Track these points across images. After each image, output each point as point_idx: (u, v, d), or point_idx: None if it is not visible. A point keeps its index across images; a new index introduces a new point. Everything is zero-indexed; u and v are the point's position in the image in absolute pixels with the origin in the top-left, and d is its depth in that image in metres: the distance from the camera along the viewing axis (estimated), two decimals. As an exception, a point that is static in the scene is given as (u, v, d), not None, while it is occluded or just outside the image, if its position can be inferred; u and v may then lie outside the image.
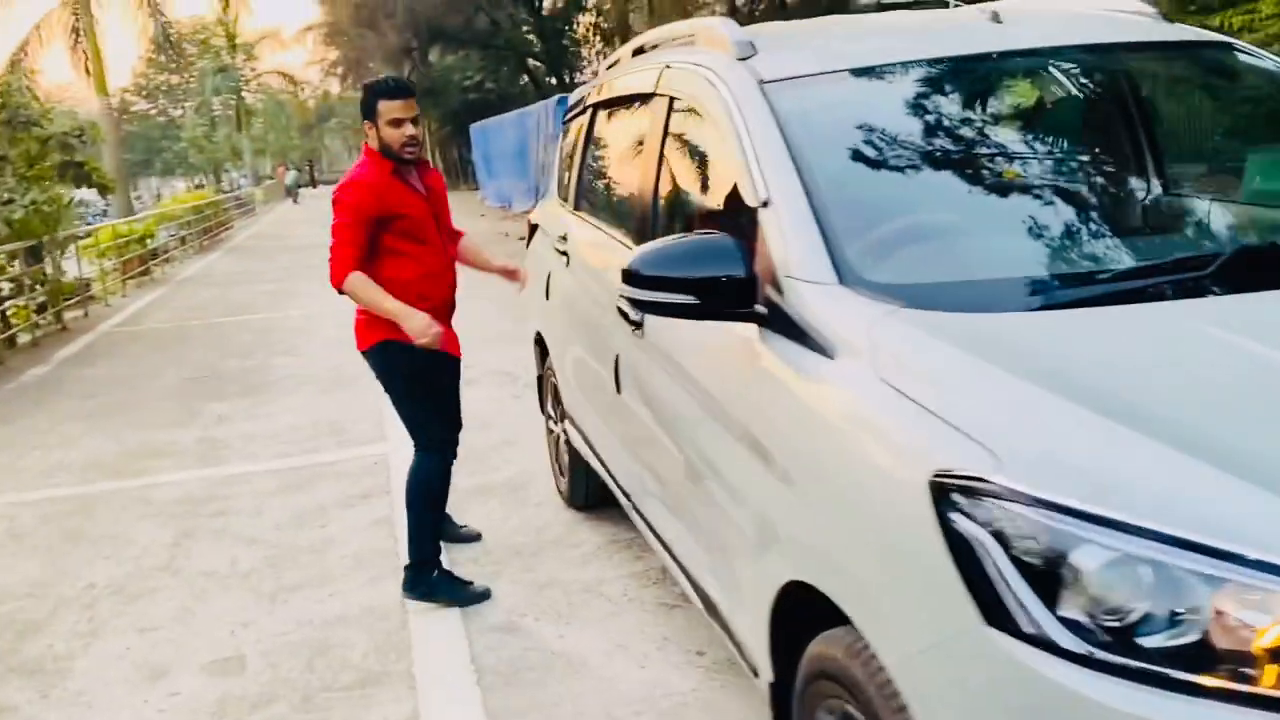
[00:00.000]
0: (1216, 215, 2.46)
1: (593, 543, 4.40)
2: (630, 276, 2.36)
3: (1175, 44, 2.89)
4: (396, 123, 3.78)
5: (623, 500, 3.66)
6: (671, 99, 3.18)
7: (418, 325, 3.67)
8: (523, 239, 18.74)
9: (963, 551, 1.54)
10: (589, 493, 4.62)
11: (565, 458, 4.68)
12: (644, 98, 3.43)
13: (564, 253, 4.18)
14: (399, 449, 5.89)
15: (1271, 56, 2.89)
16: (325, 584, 4.21)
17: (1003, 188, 2.44)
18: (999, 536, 1.51)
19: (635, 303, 2.39)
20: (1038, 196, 2.42)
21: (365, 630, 3.77)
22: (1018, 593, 1.47)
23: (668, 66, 3.25)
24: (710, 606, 2.75)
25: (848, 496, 1.82)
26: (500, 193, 28.84)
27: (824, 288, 2.12)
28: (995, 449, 1.57)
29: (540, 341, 4.91)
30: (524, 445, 5.84)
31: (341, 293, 3.77)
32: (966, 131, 2.61)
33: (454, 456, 4.05)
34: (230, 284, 16.06)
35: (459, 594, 3.93)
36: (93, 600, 4.23)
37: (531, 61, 38.20)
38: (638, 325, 3.05)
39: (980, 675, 1.51)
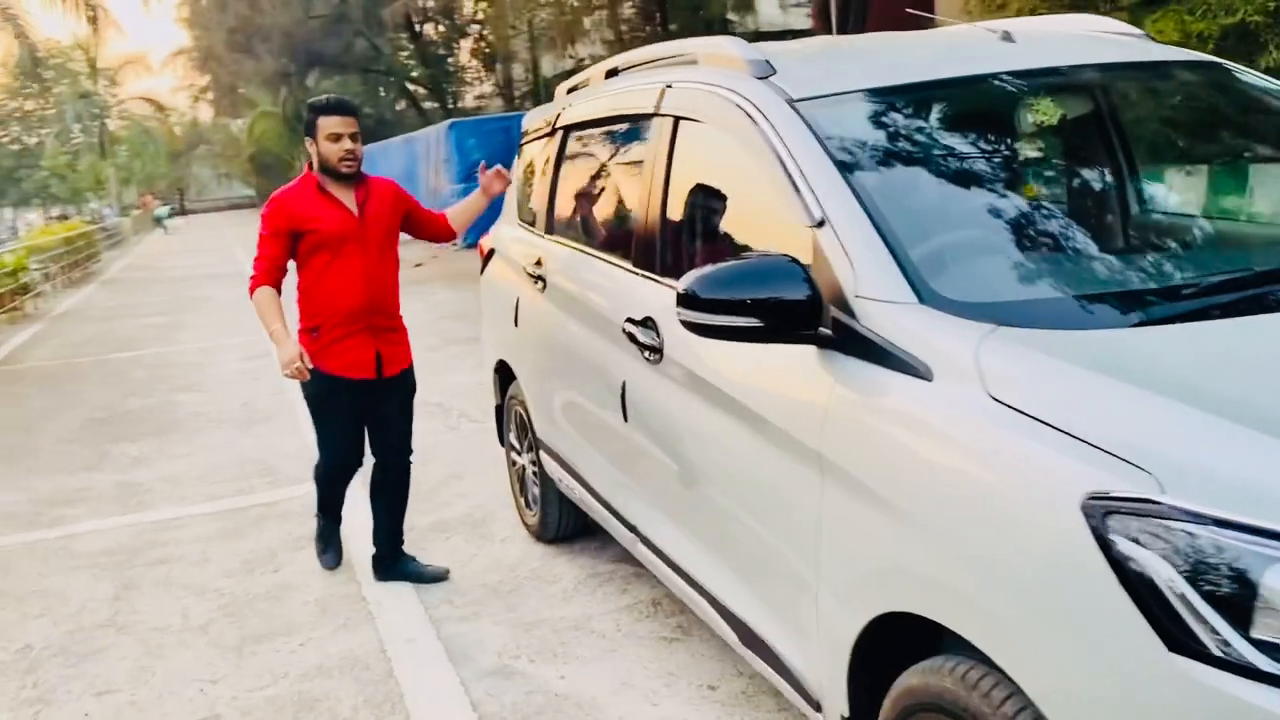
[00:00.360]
0: (1272, 228, 2.50)
1: (571, 577, 4.26)
2: (686, 299, 2.27)
3: (1180, 63, 2.95)
4: (334, 137, 3.99)
5: (620, 532, 3.54)
6: (677, 119, 3.10)
7: (281, 356, 3.93)
8: (420, 265, 18.26)
9: (1132, 576, 1.49)
10: (561, 526, 4.49)
11: (536, 490, 4.53)
12: (640, 118, 3.35)
13: (539, 278, 4.06)
14: (341, 486, 5.66)
15: (1260, 75, 2.98)
16: (293, 633, 3.96)
17: (1057, 204, 2.44)
18: (1174, 559, 1.46)
19: (692, 325, 2.29)
20: (1096, 212, 2.42)
21: (350, 680, 3.56)
22: (1205, 617, 1.43)
23: (669, 86, 3.18)
24: (752, 640, 2.66)
25: (974, 523, 1.76)
26: (387, 220, 28.24)
27: (905, 307, 2.07)
28: (1151, 468, 1.53)
29: (502, 370, 4.76)
30: (471, 479, 5.66)
31: None
32: (1006, 148, 2.61)
33: (337, 468, 4.38)
34: (112, 318, 15.29)
35: (325, 550, 4.57)
36: (33, 664, 3.89)
37: (413, 87, 37.71)
38: (655, 351, 2.95)
39: (1166, 703, 1.46)
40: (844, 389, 2.12)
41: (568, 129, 4.11)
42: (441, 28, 35.41)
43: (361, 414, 4.23)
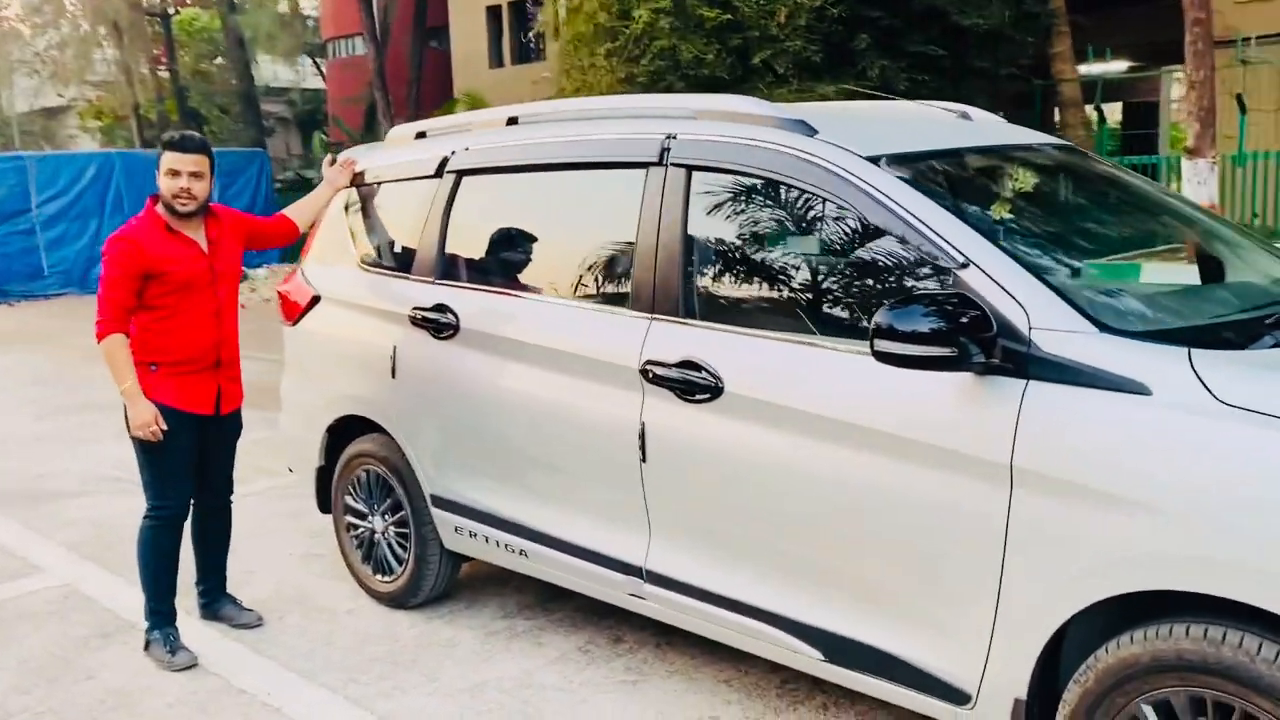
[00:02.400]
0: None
1: (469, 638, 4.05)
2: (885, 331, 2.48)
3: (1061, 146, 3.67)
4: (172, 174, 3.84)
5: (596, 577, 3.49)
6: (690, 169, 3.25)
7: (135, 416, 3.77)
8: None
9: None
10: (434, 587, 4.24)
11: (403, 552, 4.24)
12: (626, 166, 3.43)
13: (442, 325, 3.88)
14: (86, 575, 4.83)
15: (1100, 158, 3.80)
16: (188, 741, 3.38)
17: (1128, 245, 2.98)
18: None
19: (887, 356, 2.49)
20: (1165, 252, 3.00)
21: (321, 777, 3.14)
22: None
23: (672, 137, 3.31)
24: (848, 654, 2.85)
25: (1250, 504, 2.15)
26: None
27: (1091, 336, 2.44)
28: None
29: (340, 429, 4.40)
30: (245, 555, 5.03)
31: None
32: (1052, 203, 3.12)
33: (178, 516, 4.01)
34: None
35: (177, 650, 3.90)
36: None
37: None
38: (706, 390, 3.04)
39: None
40: (1042, 408, 2.44)
41: (463, 173, 4.00)
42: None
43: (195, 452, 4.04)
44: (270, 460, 5.75)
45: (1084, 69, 15.41)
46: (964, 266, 2.62)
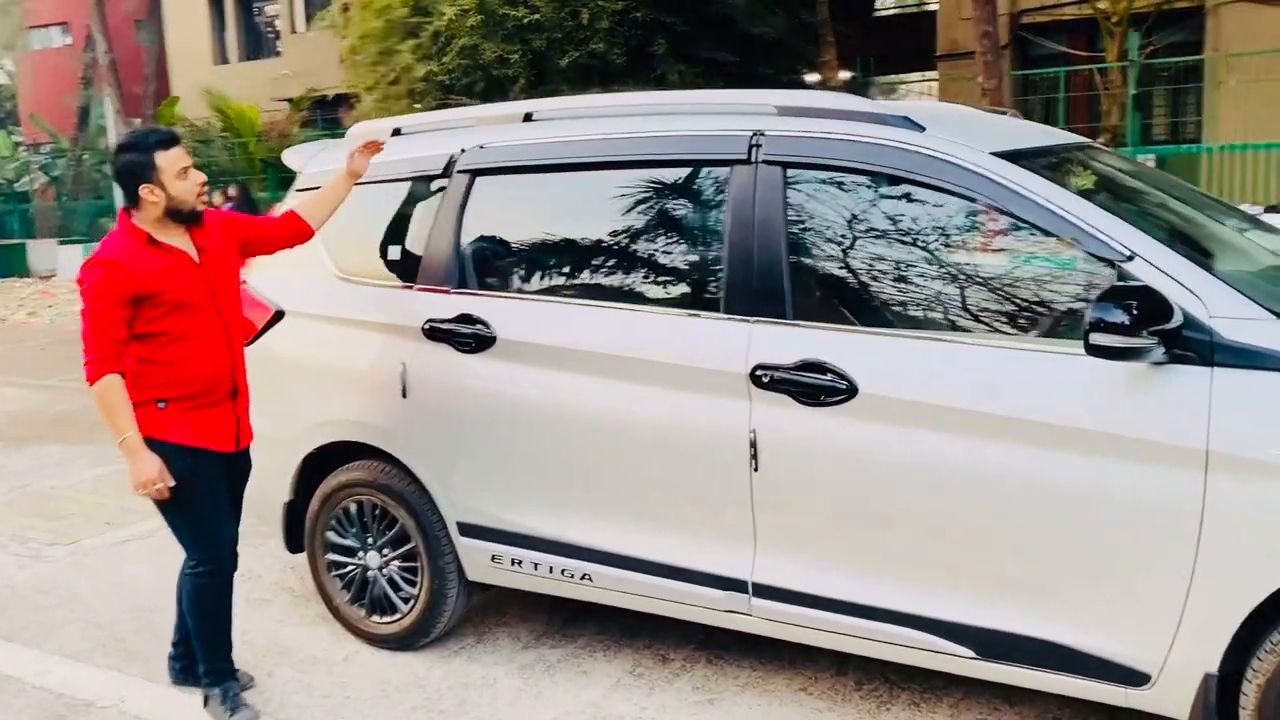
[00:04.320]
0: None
1: (503, 674, 3.74)
2: (1097, 325, 2.51)
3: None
4: (185, 172, 3.30)
5: (702, 594, 3.29)
6: (786, 165, 3.16)
7: (138, 473, 3.23)
8: None
9: None
10: (448, 623, 3.89)
11: (411, 589, 3.85)
12: (703, 164, 3.31)
13: (470, 337, 3.56)
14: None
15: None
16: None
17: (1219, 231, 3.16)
18: None
19: (1101, 349, 2.52)
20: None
21: None
22: None
23: (761, 133, 3.20)
24: (1003, 648, 2.87)
25: None
26: None
27: (1276, 322, 2.57)
28: None
29: (317, 460, 3.95)
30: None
31: None
32: (1146, 195, 3.26)
33: (230, 565, 3.50)
34: None
35: (239, 707, 3.48)
36: None
37: None
38: (833, 393, 2.95)
39: None
40: (1234, 393, 2.54)
41: (478, 173, 3.68)
42: None
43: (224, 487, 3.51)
44: (133, 498, 5.06)
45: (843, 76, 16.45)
46: (1129, 259, 2.69)
